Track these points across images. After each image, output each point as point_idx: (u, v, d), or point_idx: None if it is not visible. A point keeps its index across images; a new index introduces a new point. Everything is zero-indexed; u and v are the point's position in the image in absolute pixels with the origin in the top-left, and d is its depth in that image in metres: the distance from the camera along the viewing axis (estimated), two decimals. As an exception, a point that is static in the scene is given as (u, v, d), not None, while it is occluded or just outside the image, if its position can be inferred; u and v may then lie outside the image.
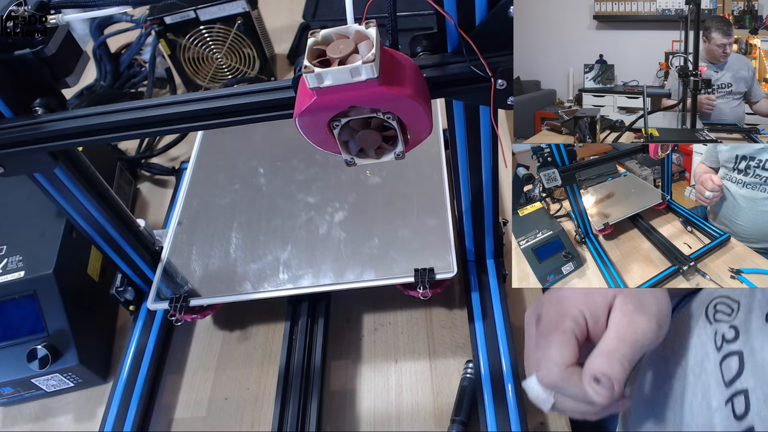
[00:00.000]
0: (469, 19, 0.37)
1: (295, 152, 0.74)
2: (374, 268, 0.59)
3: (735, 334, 0.39)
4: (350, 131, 0.37)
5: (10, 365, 0.58)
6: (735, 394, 0.37)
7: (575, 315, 0.39)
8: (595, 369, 0.35)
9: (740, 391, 0.37)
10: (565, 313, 0.39)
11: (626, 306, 0.38)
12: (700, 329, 0.44)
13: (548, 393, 0.39)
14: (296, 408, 0.55)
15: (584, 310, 0.39)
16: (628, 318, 0.37)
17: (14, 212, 0.66)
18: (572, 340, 0.38)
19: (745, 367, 0.37)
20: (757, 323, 0.38)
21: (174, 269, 0.63)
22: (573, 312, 0.39)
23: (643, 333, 0.36)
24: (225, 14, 0.86)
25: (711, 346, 0.41)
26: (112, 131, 0.44)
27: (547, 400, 0.40)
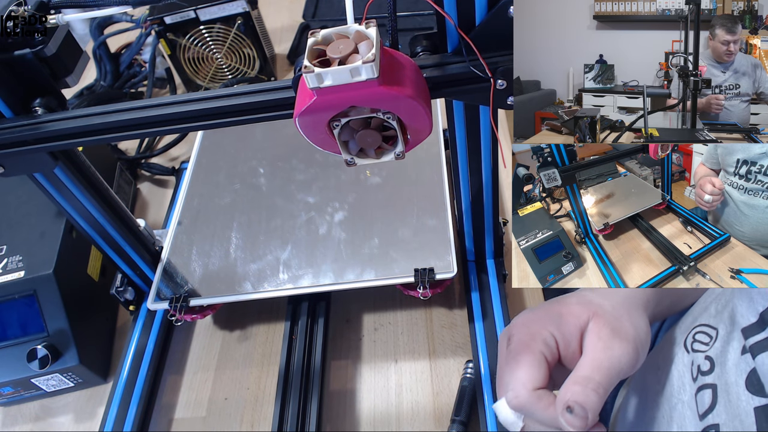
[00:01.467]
0: (469, 19, 0.37)
1: (295, 152, 0.74)
2: (374, 268, 0.59)
3: (710, 366, 0.38)
4: (350, 131, 0.37)
5: (10, 365, 0.58)
6: (707, 427, 0.36)
7: (545, 337, 0.37)
8: (569, 398, 0.33)
9: (712, 425, 0.36)
10: (536, 334, 0.38)
11: (602, 330, 0.36)
12: (679, 358, 0.42)
13: (517, 416, 0.38)
14: (296, 408, 0.55)
15: (555, 332, 0.38)
16: (603, 343, 0.35)
17: (14, 212, 0.66)
18: (542, 362, 0.37)
19: (718, 401, 0.36)
20: (733, 355, 0.37)
21: (174, 269, 0.63)
22: (543, 334, 0.38)
23: (620, 360, 0.35)
24: (225, 14, 0.86)
25: (688, 377, 0.40)
26: (112, 131, 0.44)
27: (515, 423, 0.38)
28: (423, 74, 0.38)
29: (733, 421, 0.35)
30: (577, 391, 0.33)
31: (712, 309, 0.42)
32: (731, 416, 0.35)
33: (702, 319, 0.42)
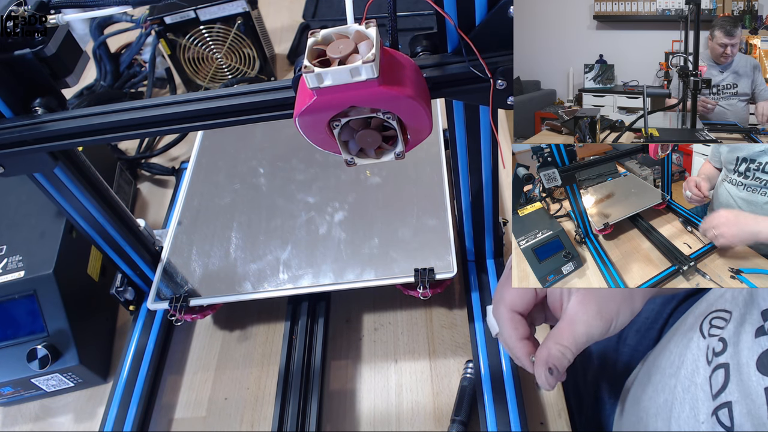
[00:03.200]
0: (469, 19, 0.37)
1: (295, 152, 0.74)
2: (374, 268, 0.59)
3: (723, 346, 0.41)
4: (350, 131, 0.37)
5: (10, 365, 0.58)
6: (720, 406, 0.38)
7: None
8: (550, 361, 0.39)
9: (725, 404, 0.38)
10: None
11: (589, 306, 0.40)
12: (694, 343, 0.45)
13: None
14: (296, 408, 0.55)
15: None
16: (586, 318, 0.40)
17: (14, 212, 0.66)
18: (530, 294, 0.43)
19: (731, 380, 0.38)
20: (746, 337, 0.39)
21: (174, 269, 0.63)
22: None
23: (594, 336, 0.40)
24: (225, 14, 0.86)
25: (702, 361, 0.43)
26: (112, 131, 0.44)
27: (494, 329, 0.47)
28: (423, 74, 0.38)
29: (745, 400, 0.36)
30: (557, 356, 0.39)
31: (728, 294, 0.44)
32: (743, 395, 0.37)
33: (718, 304, 0.45)
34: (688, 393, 0.43)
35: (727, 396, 0.38)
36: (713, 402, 0.39)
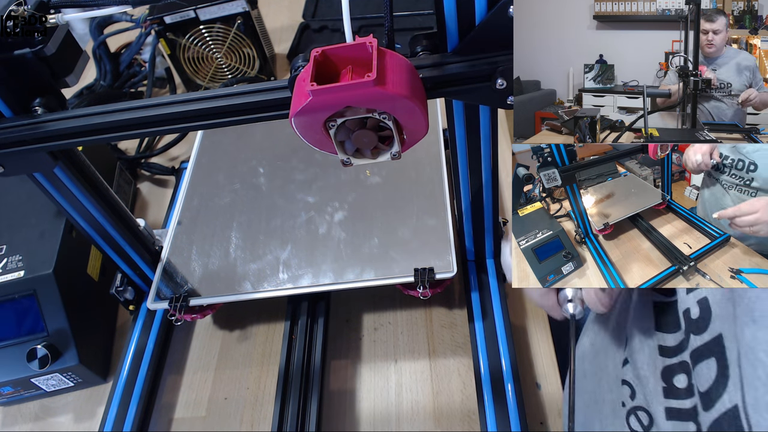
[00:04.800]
0: (469, 19, 0.37)
1: (295, 152, 0.74)
2: (374, 268, 0.59)
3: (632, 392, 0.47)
4: (346, 131, 0.37)
5: (10, 365, 0.58)
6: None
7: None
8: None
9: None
10: None
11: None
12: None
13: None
14: (296, 408, 0.55)
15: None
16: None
17: (14, 212, 0.66)
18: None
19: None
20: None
21: (174, 269, 0.63)
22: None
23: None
24: (225, 14, 0.86)
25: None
26: (112, 131, 0.44)
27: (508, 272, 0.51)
28: (419, 75, 0.38)
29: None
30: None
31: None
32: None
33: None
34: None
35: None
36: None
